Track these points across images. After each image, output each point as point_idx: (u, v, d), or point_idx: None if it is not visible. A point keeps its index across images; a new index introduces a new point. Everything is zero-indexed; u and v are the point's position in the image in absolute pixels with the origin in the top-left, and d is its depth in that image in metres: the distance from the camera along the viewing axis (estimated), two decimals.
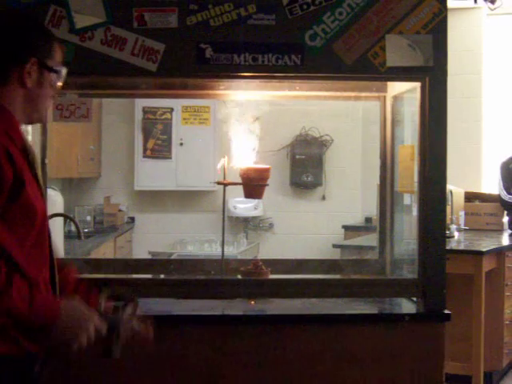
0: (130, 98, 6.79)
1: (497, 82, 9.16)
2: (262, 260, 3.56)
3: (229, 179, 3.58)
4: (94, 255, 6.21)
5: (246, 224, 8.91)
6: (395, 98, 3.62)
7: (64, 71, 2.35)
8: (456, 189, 7.05)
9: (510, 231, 7.23)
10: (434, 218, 3.17)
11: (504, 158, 7.46)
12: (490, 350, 5.95)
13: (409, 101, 3.44)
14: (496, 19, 8.99)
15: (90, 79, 3.40)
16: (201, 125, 8.56)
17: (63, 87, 3.52)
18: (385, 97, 3.66)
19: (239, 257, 6.62)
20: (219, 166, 3.52)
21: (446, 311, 3.17)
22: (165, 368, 3.08)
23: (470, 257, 5.77)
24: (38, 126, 3.51)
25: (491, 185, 8.33)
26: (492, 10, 6.66)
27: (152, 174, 8.64)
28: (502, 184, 7.31)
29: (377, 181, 3.77)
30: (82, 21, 3.04)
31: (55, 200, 4.07)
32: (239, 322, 3.19)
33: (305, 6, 3.08)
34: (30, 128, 3.39)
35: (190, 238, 7.70)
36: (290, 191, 8.99)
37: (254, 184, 3.56)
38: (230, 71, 3.11)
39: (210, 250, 7.05)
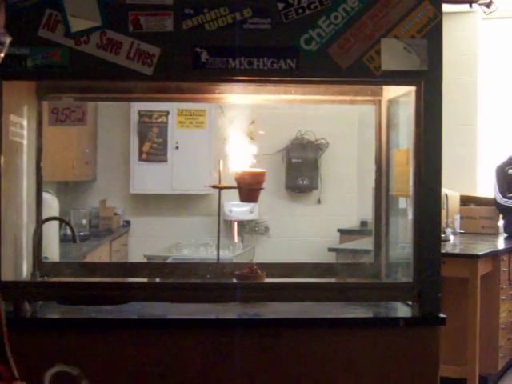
0: (126, 101, 6.78)
1: (492, 85, 9.17)
2: (257, 264, 3.56)
3: (224, 183, 3.58)
4: (89, 259, 6.21)
5: (242, 227, 8.91)
6: (390, 102, 3.62)
7: (8, 41, 1.68)
8: (451, 192, 7.06)
9: (505, 235, 7.24)
10: (429, 222, 3.17)
11: (499, 162, 7.48)
12: (485, 353, 5.95)
13: (404, 104, 3.44)
14: (491, 23, 8.99)
15: (86, 83, 3.40)
16: (196, 128, 8.57)
17: (59, 91, 3.55)
18: (380, 100, 3.67)
19: (235, 260, 6.61)
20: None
21: (441, 315, 3.17)
22: (159, 372, 3.08)
23: (465, 260, 5.77)
24: (34, 128, 3.51)
25: (486, 188, 8.34)
26: (487, 14, 6.64)
27: (148, 178, 8.64)
28: (497, 188, 7.32)
29: (372, 184, 3.77)
30: (77, 25, 3.04)
31: (51, 203, 4.06)
32: (234, 325, 3.19)
33: (300, 11, 3.09)
34: (25, 132, 3.40)
35: (185, 241, 7.69)
36: (286, 195, 9.00)
37: (249, 188, 3.56)
38: (226, 75, 3.12)
39: (206, 253, 7.04)
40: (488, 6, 6.37)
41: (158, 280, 3.80)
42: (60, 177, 7.45)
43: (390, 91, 3.56)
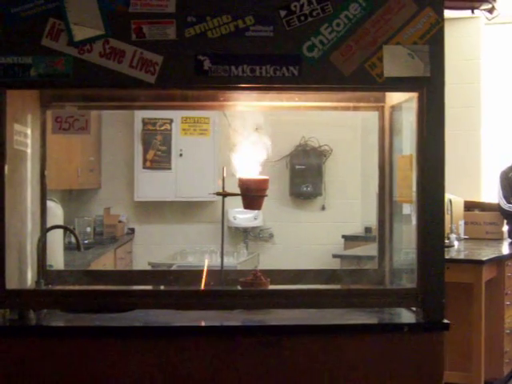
0: (129, 109, 6.79)
1: (495, 90, 9.17)
2: (261, 270, 3.56)
3: (228, 190, 3.59)
4: (94, 266, 6.22)
5: (246, 234, 8.92)
6: (393, 108, 3.62)
7: None
8: (455, 198, 7.06)
9: (509, 240, 7.23)
10: (432, 228, 3.17)
11: (503, 167, 7.47)
12: (490, 359, 5.94)
13: (407, 110, 3.45)
14: (494, 28, 9.01)
15: (89, 91, 3.42)
16: (200, 136, 8.58)
17: (62, 99, 3.57)
18: (383, 107, 3.67)
19: (239, 267, 6.63)
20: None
21: (445, 321, 3.17)
22: (163, 379, 3.08)
23: (469, 266, 5.77)
24: (38, 137, 3.53)
25: (491, 194, 8.34)
26: (489, 19, 6.68)
27: (152, 185, 8.65)
28: (501, 193, 7.32)
29: (376, 190, 3.77)
30: (80, 33, 3.05)
31: (55, 212, 4.07)
32: (238, 332, 3.19)
33: (302, 18, 3.09)
34: (29, 140, 3.41)
35: (190, 248, 7.70)
36: (290, 201, 9.00)
37: (252, 195, 3.56)
38: (229, 83, 3.12)
39: (211, 260, 7.05)
40: (490, 11, 6.39)
41: (162, 287, 3.81)
42: (64, 185, 7.46)
43: (393, 97, 3.56)
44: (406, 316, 3.33)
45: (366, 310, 3.37)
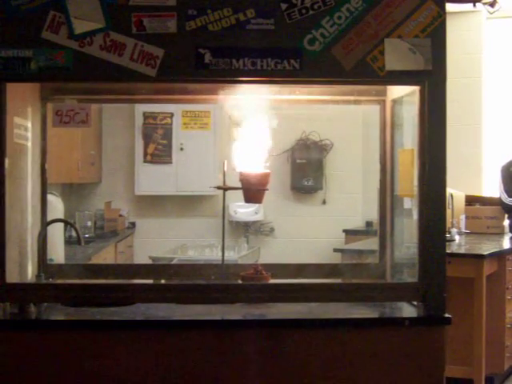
0: (130, 103, 6.79)
1: (497, 85, 9.16)
2: (262, 264, 3.56)
3: (230, 184, 3.58)
4: (94, 260, 6.21)
5: (247, 228, 8.92)
6: (395, 102, 3.62)
7: None
8: (456, 192, 7.05)
9: (510, 234, 7.23)
10: (433, 222, 3.17)
11: (504, 162, 7.47)
12: (491, 353, 5.94)
13: (408, 104, 3.44)
14: (495, 22, 9.00)
15: (89, 85, 3.41)
16: (201, 129, 8.57)
17: (63, 93, 3.56)
18: (384, 100, 3.66)
19: (240, 261, 6.61)
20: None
21: (447, 315, 3.17)
22: (164, 373, 3.08)
23: (470, 260, 5.76)
24: (38, 130, 3.52)
25: (492, 188, 8.33)
26: (491, 13, 6.67)
27: (152, 179, 8.65)
28: (502, 187, 7.31)
29: (377, 185, 3.77)
30: (81, 26, 3.04)
31: (56, 205, 4.06)
32: (239, 326, 3.19)
33: (303, 11, 3.08)
34: (29, 134, 3.40)
35: (190, 242, 7.70)
36: (291, 195, 9.00)
37: (253, 189, 3.55)
38: (229, 76, 3.11)
39: (211, 254, 7.05)
40: (492, 5, 6.39)
41: (163, 281, 3.81)
42: (65, 179, 7.46)
43: (394, 91, 3.56)
44: (407, 310, 3.33)
45: (367, 304, 3.37)
